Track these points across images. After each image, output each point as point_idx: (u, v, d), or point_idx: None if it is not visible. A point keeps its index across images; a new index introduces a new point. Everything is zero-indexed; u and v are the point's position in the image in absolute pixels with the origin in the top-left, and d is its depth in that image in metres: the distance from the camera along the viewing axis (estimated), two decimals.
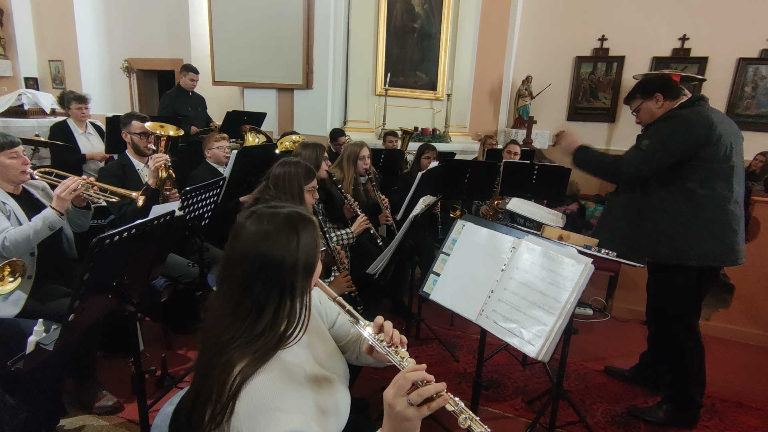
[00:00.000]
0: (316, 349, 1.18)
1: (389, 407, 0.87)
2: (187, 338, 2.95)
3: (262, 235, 1.00)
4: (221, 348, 0.96)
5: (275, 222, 1.02)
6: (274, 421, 0.91)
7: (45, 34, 7.64)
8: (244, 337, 0.97)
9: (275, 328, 0.99)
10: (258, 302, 0.99)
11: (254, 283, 0.98)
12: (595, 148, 2.54)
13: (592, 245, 1.96)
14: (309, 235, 1.05)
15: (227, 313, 0.99)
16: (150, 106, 7.52)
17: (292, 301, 1.02)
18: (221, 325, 0.99)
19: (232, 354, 0.95)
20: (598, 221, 2.63)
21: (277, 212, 1.05)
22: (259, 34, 5.56)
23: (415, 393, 0.86)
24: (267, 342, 0.97)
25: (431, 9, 5.82)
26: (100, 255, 1.36)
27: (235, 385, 0.92)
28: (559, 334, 1.40)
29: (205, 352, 1.00)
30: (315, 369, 1.12)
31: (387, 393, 0.88)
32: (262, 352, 0.96)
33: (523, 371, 2.84)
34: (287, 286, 1.00)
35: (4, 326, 1.89)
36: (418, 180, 2.95)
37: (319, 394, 1.08)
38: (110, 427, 2.18)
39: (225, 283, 1.02)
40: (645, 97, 2.31)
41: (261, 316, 0.98)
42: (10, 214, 2.06)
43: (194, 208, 2.36)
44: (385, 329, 1.09)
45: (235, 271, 1.00)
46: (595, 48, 6.48)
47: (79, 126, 3.99)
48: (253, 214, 1.05)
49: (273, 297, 0.99)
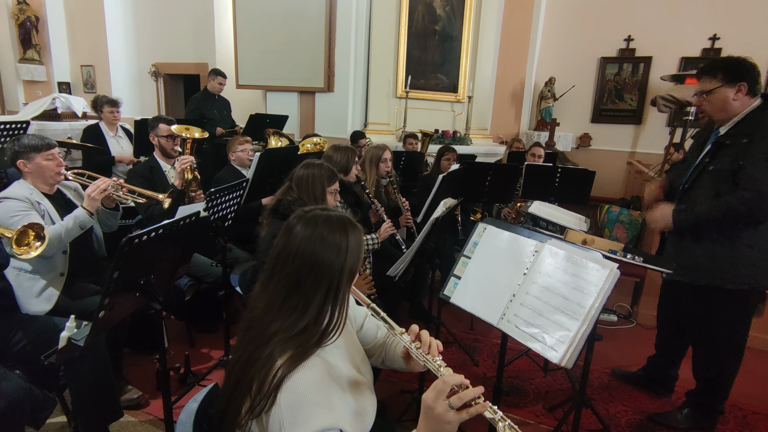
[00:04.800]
0: (351, 353, 1.21)
1: (429, 409, 0.90)
2: (209, 337, 3.00)
3: (318, 237, 1.05)
4: (266, 340, 1.00)
5: (330, 225, 1.07)
6: (314, 415, 0.94)
7: (77, 40, 7.92)
8: (288, 331, 1.01)
9: (317, 325, 1.03)
10: (305, 299, 1.03)
11: (305, 280, 1.03)
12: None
13: (617, 250, 1.91)
14: (356, 240, 1.09)
15: (275, 306, 1.04)
16: (176, 109, 7.71)
17: (333, 302, 1.06)
18: (269, 317, 1.03)
19: (275, 347, 0.99)
20: (669, 242, 2.33)
21: (331, 215, 1.10)
22: (282, 39, 5.65)
23: (456, 397, 0.89)
24: (308, 338, 1.01)
25: (453, 11, 5.81)
26: (129, 254, 1.41)
27: (277, 378, 0.95)
28: (583, 340, 1.37)
29: (249, 342, 1.03)
30: (350, 371, 1.15)
31: (427, 396, 0.91)
32: (303, 348, 1.00)
33: (544, 377, 2.80)
34: (333, 287, 1.05)
35: (38, 322, 1.96)
36: (439, 182, 2.94)
37: (354, 396, 1.11)
38: (135, 422, 2.23)
39: (275, 277, 1.06)
40: (728, 81, 1.97)
41: (306, 313, 1.03)
42: (44, 213, 2.14)
43: (218, 209, 2.41)
44: (422, 338, 1.13)
45: (287, 266, 1.05)
46: (621, 48, 6.34)
47: (111, 129, 4.12)
48: (306, 215, 1.10)
49: (319, 295, 1.04)
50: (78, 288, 2.23)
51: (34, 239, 1.72)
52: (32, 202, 2.11)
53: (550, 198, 3.50)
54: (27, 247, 1.69)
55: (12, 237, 1.66)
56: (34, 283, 2.09)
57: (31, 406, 1.61)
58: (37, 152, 2.16)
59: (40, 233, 1.71)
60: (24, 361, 1.83)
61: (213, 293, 2.87)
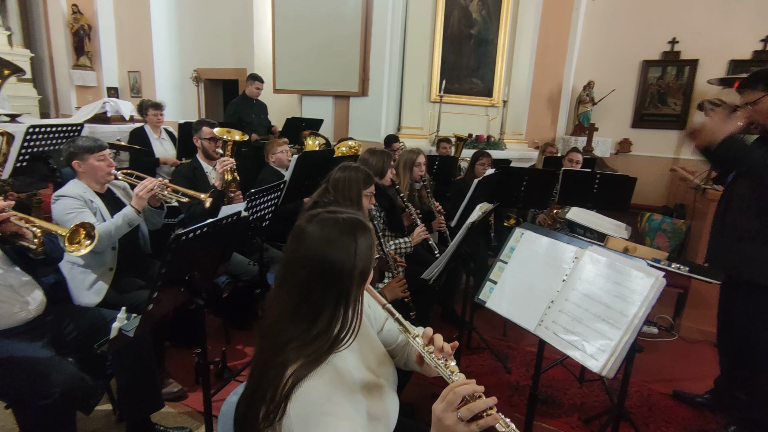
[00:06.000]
0: (365, 354, 1.19)
1: (438, 421, 0.86)
2: (245, 334, 3.08)
3: (324, 241, 1.02)
4: (279, 348, 0.99)
5: (337, 228, 1.03)
6: (325, 425, 0.93)
7: (125, 47, 8.34)
8: (300, 339, 0.99)
9: (329, 332, 1.01)
10: (316, 305, 1.00)
11: (314, 287, 1.00)
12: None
13: (661, 258, 1.85)
14: (366, 242, 1.05)
15: (287, 315, 1.02)
16: (215, 113, 7.97)
17: (345, 306, 1.03)
18: (280, 325, 1.02)
19: (288, 355, 0.97)
20: (711, 243, 2.33)
21: (338, 218, 1.06)
22: (318, 44, 5.76)
23: (465, 408, 0.84)
24: (321, 345, 0.99)
25: (489, 15, 5.77)
26: (176, 250, 1.47)
27: (287, 387, 0.94)
28: (626, 350, 1.33)
29: (264, 351, 1.03)
30: (364, 374, 1.13)
31: (436, 407, 0.87)
32: (315, 356, 0.98)
33: (579, 388, 2.72)
34: (344, 293, 1.02)
35: (89, 314, 2.06)
36: (474, 187, 2.92)
37: (368, 399, 1.08)
38: (175, 413, 2.31)
39: (285, 284, 1.04)
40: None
41: (317, 320, 1.00)
42: (96, 211, 2.26)
43: (257, 209, 2.48)
44: (435, 341, 1.08)
45: (296, 273, 1.02)
46: (665, 51, 6.13)
47: (155, 131, 4.31)
48: (313, 219, 1.06)
49: (330, 302, 1.01)
50: (125, 282, 2.34)
51: (85, 238, 1.81)
52: (85, 200, 2.24)
53: (587, 204, 3.41)
54: (78, 245, 1.78)
55: (65, 235, 1.76)
56: (86, 277, 2.21)
57: (82, 393, 1.70)
58: (90, 153, 2.28)
59: (91, 232, 1.80)
60: (76, 350, 1.94)
61: (249, 291, 2.95)
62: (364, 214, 2.16)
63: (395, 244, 2.60)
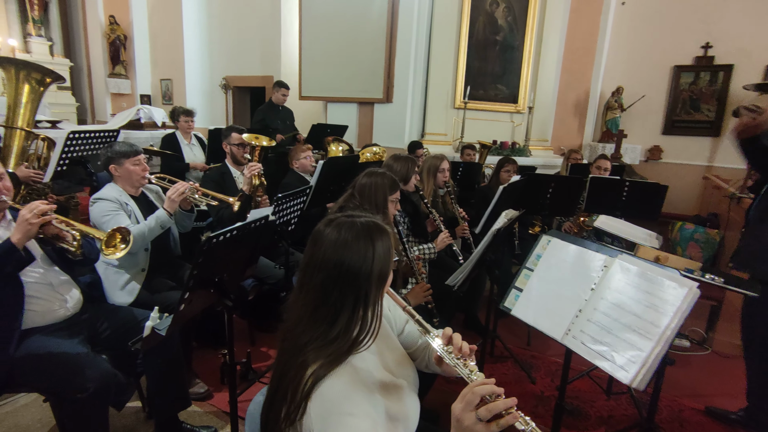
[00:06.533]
0: (385, 356, 1.20)
1: (457, 421, 0.86)
2: (269, 336, 3.12)
3: (341, 244, 1.03)
4: (298, 350, 1.01)
5: (353, 232, 1.05)
6: (344, 425, 0.94)
7: (158, 56, 8.64)
8: (319, 341, 1.01)
9: (348, 333, 1.02)
10: (334, 308, 1.02)
11: (332, 290, 1.02)
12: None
13: (694, 269, 1.80)
14: (384, 245, 1.07)
15: (305, 317, 1.04)
16: (242, 119, 8.16)
17: (364, 308, 1.04)
18: (300, 328, 1.04)
19: (308, 356, 1.00)
20: (744, 248, 2.27)
21: (355, 222, 1.07)
22: (343, 51, 5.84)
23: (484, 408, 0.84)
24: (340, 347, 1.01)
25: (515, 21, 5.74)
26: (208, 252, 1.51)
27: (307, 387, 0.96)
28: (657, 361, 1.30)
29: (284, 352, 1.05)
30: (384, 375, 1.13)
31: (455, 407, 0.87)
32: (334, 356, 0.99)
33: (607, 400, 2.65)
34: (362, 295, 1.03)
35: (122, 313, 2.14)
36: (499, 193, 2.90)
37: (388, 399, 1.09)
38: (201, 412, 2.36)
39: (304, 287, 1.06)
40: None
41: (336, 322, 1.02)
42: (131, 213, 2.34)
43: (284, 213, 2.52)
44: (454, 341, 1.09)
45: (314, 277, 1.04)
46: (698, 56, 5.96)
47: (185, 137, 4.44)
48: (331, 223, 1.08)
49: (348, 304, 1.02)
50: (156, 283, 2.41)
51: (120, 242, 1.88)
52: (121, 203, 2.32)
53: (616, 213, 3.33)
54: (114, 249, 1.85)
55: (103, 239, 1.83)
56: (120, 277, 2.29)
57: (114, 389, 1.76)
58: (127, 158, 2.37)
59: (126, 237, 1.87)
60: (109, 347, 2.01)
61: (274, 294, 2.99)
62: (389, 220, 2.17)
63: (419, 250, 2.60)
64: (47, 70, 3.09)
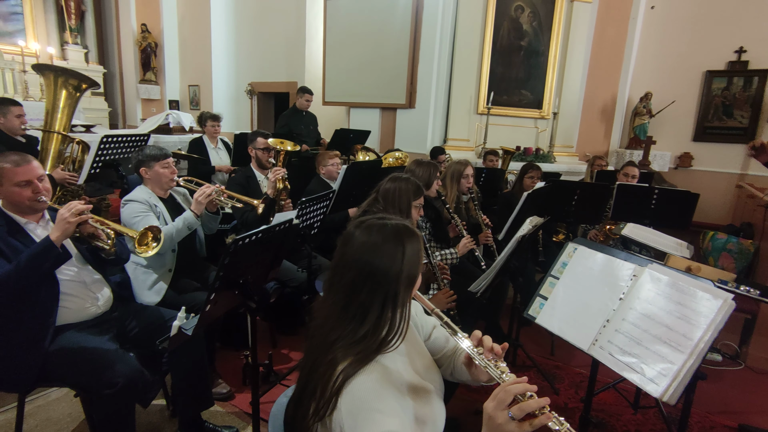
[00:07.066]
0: (413, 359, 1.21)
1: (489, 419, 0.86)
2: (290, 339, 3.15)
3: (370, 245, 1.06)
4: (327, 347, 1.03)
5: (383, 233, 1.07)
6: (373, 421, 0.95)
7: (187, 63, 8.88)
8: (348, 339, 1.03)
9: (377, 333, 1.04)
10: (363, 307, 1.04)
11: (361, 289, 1.04)
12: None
13: (728, 280, 1.73)
14: (413, 248, 1.09)
15: (334, 315, 1.06)
16: (266, 124, 8.30)
17: (393, 309, 1.06)
18: (328, 325, 1.06)
19: (337, 353, 1.01)
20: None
21: (386, 224, 1.10)
22: (367, 57, 5.89)
23: (517, 407, 0.84)
24: (368, 345, 1.02)
25: (540, 26, 5.69)
26: (234, 254, 1.54)
27: (338, 383, 0.97)
28: (689, 375, 1.25)
29: (313, 350, 1.07)
30: (413, 377, 1.14)
31: (487, 405, 0.87)
32: (363, 354, 1.01)
33: (634, 414, 2.57)
34: (390, 295, 1.05)
35: (149, 312, 2.19)
36: (524, 200, 2.86)
37: (416, 401, 1.09)
38: (223, 412, 2.39)
39: (334, 287, 1.09)
40: None
41: (364, 321, 1.04)
42: (159, 215, 2.41)
43: (307, 217, 2.55)
44: (484, 343, 1.09)
45: (344, 276, 1.07)
46: (731, 61, 5.78)
47: (212, 141, 4.55)
48: (362, 224, 1.11)
49: (377, 304, 1.04)
50: (182, 284, 2.46)
51: (152, 240, 1.94)
52: (150, 204, 2.39)
53: (644, 221, 3.24)
54: (146, 247, 1.92)
55: (135, 237, 1.90)
56: (148, 277, 2.35)
57: (141, 386, 1.80)
58: (156, 161, 2.44)
59: (158, 235, 1.93)
60: (136, 345, 2.06)
61: (296, 297, 3.02)
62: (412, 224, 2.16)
63: (441, 255, 2.58)
64: (84, 77, 3.22)
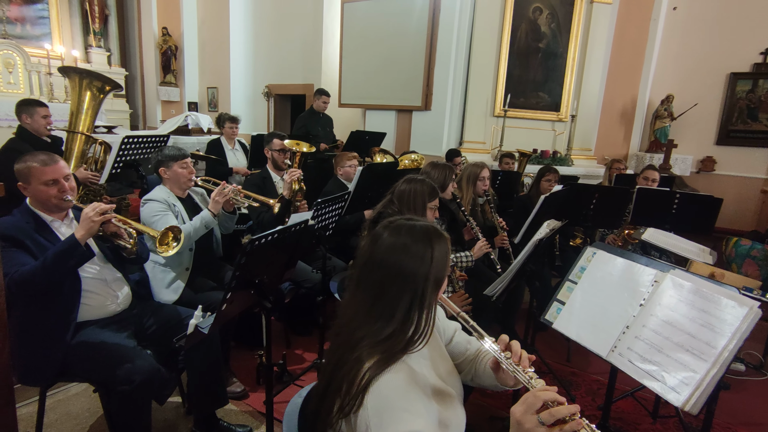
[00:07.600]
0: (436, 363, 1.20)
1: (517, 424, 0.86)
2: (304, 339, 3.16)
3: (400, 246, 1.06)
4: (353, 344, 1.03)
5: (413, 234, 1.08)
6: (400, 419, 0.95)
7: (206, 65, 9.02)
8: (374, 337, 1.03)
9: (403, 333, 1.04)
10: (390, 306, 1.04)
11: (389, 288, 1.05)
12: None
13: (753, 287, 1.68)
14: (442, 249, 1.09)
15: (361, 314, 1.06)
16: (283, 126, 8.37)
17: (420, 310, 1.06)
18: (355, 323, 1.06)
19: (362, 352, 1.01)
20: None
21: (414, 225, 1.10)
22: (383, 60, 5.89)
23: (547, 413, 0.84)
24: (394, 344, 1.02)
25: (558, 28, 5.62)
26: (250, 254, 1.55)
27: (364, 381, 0.97)
28: (713, 385, 1.22)
29: (338, 347, 1.07)
30: (436, 381, 1.14)
31: (515, 409, 0.87)
32: (389, 353, 1.01)
33: (653, 424, 2.51)
34: (418, 296, 1.05)
35: (166, 310, 2.22)
36: (541, 203, 2.83)
37: (440, 404, 1.09)
38: (237, 411, 2.41)
39: (361, 285, 1.09)
40: None
41: (391, 320, 1.04)
42: (177, 214, 2.44)
43: (322, 218, 2.55)
44: (512, 348, 1.08)
45: (372, 275, 1.07)
46: (756, 63, 5.63)
47: (230, 143, 4.61)
48: (391, 224, 1.12)
49: (404, 303, 1.04)
50: (198, 282, 2.49)
51: (173, 240, 1.97)
52: (169, 204, 2.43)
53: (665, 226, 3.17)
54: (166, 246, 1.95)
55: (157, 237, 1.93)
56: (166, 275, 2.38)
57: (158, 383, 1.83)
58: (175, 161, 2.48)
59: (178, 235, 1.96)
60: (153, 343, 2.09)
61: (310, 298, 3.03)
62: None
63: (456, 258, 2.56)
64: (107, 79, 3.29)
